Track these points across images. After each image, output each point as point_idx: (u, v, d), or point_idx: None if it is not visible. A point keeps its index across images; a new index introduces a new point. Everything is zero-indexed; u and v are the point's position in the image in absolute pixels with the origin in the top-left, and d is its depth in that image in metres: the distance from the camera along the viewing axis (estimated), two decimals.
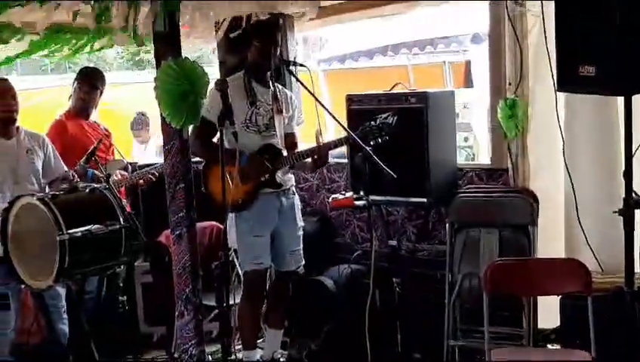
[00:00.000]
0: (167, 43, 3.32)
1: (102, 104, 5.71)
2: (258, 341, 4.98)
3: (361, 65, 10.14)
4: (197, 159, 4.61)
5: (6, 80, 4.76)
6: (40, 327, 4.82)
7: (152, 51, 3.44)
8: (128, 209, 4.96)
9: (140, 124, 9.05)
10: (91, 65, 9.24)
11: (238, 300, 4.71)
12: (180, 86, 3.26)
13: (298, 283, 5.03)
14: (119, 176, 5.09)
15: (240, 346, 4.87)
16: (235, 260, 4.88)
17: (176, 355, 3.55)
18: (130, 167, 5.31)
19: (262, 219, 4.59)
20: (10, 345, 4.77)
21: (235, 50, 5.03)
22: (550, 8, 3.78)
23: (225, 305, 3.62)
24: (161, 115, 3.33)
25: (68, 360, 4.86)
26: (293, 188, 4.80)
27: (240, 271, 4.85)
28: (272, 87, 4.66)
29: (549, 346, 4.53)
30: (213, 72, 5.31)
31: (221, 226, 4.92)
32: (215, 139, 4.36)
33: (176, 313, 3.45)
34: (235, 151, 4.39)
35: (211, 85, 3.71)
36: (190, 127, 3.64)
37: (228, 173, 4.44)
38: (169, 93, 3.26)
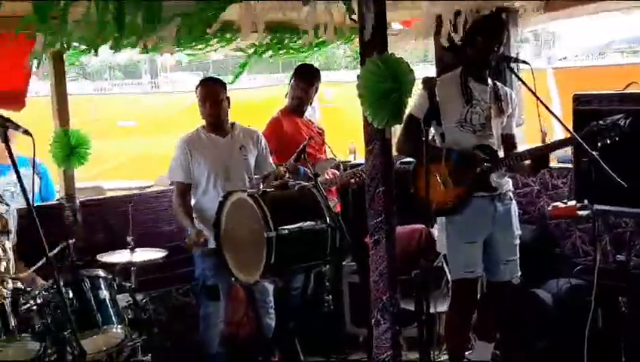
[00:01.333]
0: (373, 39, 3.16)
1: (322, 101, 5.73)
2: (466, 352, 4.73)
3: (594, 64, 9.45)
4: (407, 159, 4.47)
5: (216, 80, 4.86)
6: (249, 320, 4.91)
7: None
8: (338, 208, 4.91)
9: None
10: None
11: (446, 308, 4.50)
12: (383, 84, 3.09)
13: (512, 295, 4.70)
14: (330, 175, 5.05)
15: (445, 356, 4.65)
16: (445, 266, 4.66)
17: None
18: (342, 166, 5.26)
19: (474, 225, 4.33)
20: (220, 335, 4.91)
21: (453, 47, 4.79)
22: None
23: (424, 315, 3.41)
24: (363, 114, 3.19)
25: (273, 355, 4.93)
26: (511, 194, 4.47)
27: (449, 279, 4.62)
28: (490, 85, 4.38)
29: None
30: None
31: (430, 230, 4.73)
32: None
33: (373, 320, 3.30)
34: (446, 151, 4.21)
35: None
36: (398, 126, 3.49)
37: (438, 175, 4.27)
38: (372, 91, 3.11)
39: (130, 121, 10.86)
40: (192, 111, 5.34)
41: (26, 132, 2.92)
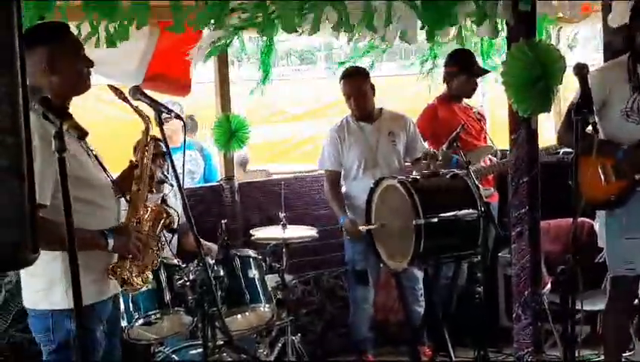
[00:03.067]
0: (522, 23, 3.05)
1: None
2: (625, 354, 4.48)
3: None
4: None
5: (358, 71, 4.86)
6: (399, 307, 4.91)
7: None
8: (495, 198, 4.78)
9: None
10: None
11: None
12: (530, 71, 2.98)
13: None
14: (487, 163, 4.92)
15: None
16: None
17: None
18: (499, 153, 5.11)
19: (637, 220, 4.07)
20: (369, 320, 4.95)
21: (623, 30, 4.50)
22: None
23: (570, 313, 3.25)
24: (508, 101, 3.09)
25: (422, 344, 4.90)
26: None
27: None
28: None
29: None
30: None
31: (592, 223, 4.51)
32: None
33: (514, 315, 3.20)
34: (612, 143, 3.98)
35: None
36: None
37: (602, 167, 4.05)
38: (517, 78, 3.01)
39: (302, 106, 11.09)
40: None
41: (178, 117, 3.05)
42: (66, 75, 2.84)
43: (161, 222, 3.10)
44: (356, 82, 4.78)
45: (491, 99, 6.48)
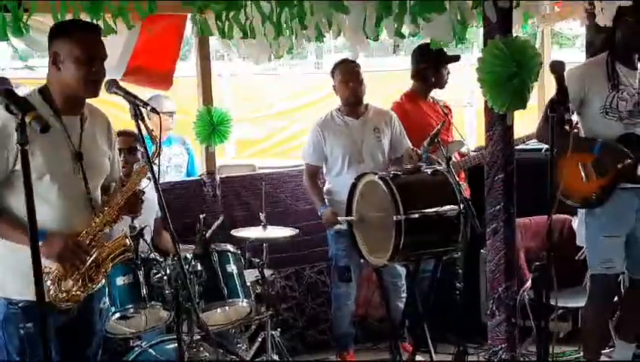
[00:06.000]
0: (498, 20, 3.04)
1: None
2: (606, 350, 4.50)
3: None
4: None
5: (352, 61, 4.84)
6: (380, 302, 4.91)
7: None
8: (467, 193, 4.78)
9: None
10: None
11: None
12: (505, 67, 2.98)
13: None
14: (458, 158, 4.91)
15: None
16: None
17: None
18: (468, 147, 5.09)
19: (616, 218, 4.08)
20: (351, 316, 4.95)
21: (605, 29, 4.50)
22: None
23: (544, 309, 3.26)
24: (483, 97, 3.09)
25: (402, 338, 4.91)
26: None
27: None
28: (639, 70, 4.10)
29: None
30: None
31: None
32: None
33: (488, 311, 3.20)
34: (588, 139, 4.02)
35: None
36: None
37: (581, 164, 4.07)
38: (493, 75, 3.01)
39: (290, 100, 11.08)
40: None
41: (153, 110, 3.03)
42: (70, 75, 2.84)
43: (121, 253, 3.01)
44: (354, 67, 4.80)
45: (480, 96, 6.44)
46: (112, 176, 3.17)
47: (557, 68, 3.15)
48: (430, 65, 5.08)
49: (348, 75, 4.79)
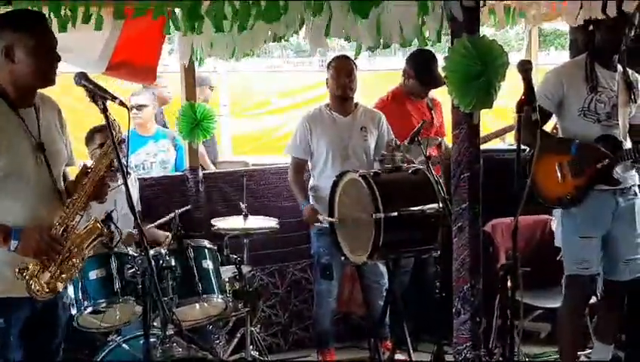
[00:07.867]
0: (464, 18, 3.04)
1: None
2: (584, 351, 4.50)
3: None
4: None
5: (347, 58, 4.87)
6: (361, 301, 4.90)
7: None
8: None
9: None
10: None
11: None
12: (472, 66, 2.98)
13: (636, 295, 4.39)
14: (434, 154, 4.91)
15: None
16: None
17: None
18: (443, 144, 5.09)
19: (592, 220, 4.08)
20: (332, 313, 4.96)
21: (586, 28, 4.50)
22: None
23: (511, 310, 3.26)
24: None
25: (384, 337, 4.91)
26: (636, 189, 4.17)
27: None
28: (619, 72, 4.09)
29: None
30: None
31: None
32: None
33: (453, 309, 3.21)
34: (566, 139, 4.02)
35: None
36: None
37: (558, 164, 4.07)
38: (459, 74, 3.00)
39: (291, 98, 11.10)
40: None
41: (122, 103, 3.04)
42: (26, 67, 2.82)
43: (95, 238, 3.00)
44: (349, 62, 4.82)
45: None
46: (69, 161, 3.15)
47: (524, 67, 3.15)
48: (412, 76, 5.14)
49: (340, 70, 4.81)
